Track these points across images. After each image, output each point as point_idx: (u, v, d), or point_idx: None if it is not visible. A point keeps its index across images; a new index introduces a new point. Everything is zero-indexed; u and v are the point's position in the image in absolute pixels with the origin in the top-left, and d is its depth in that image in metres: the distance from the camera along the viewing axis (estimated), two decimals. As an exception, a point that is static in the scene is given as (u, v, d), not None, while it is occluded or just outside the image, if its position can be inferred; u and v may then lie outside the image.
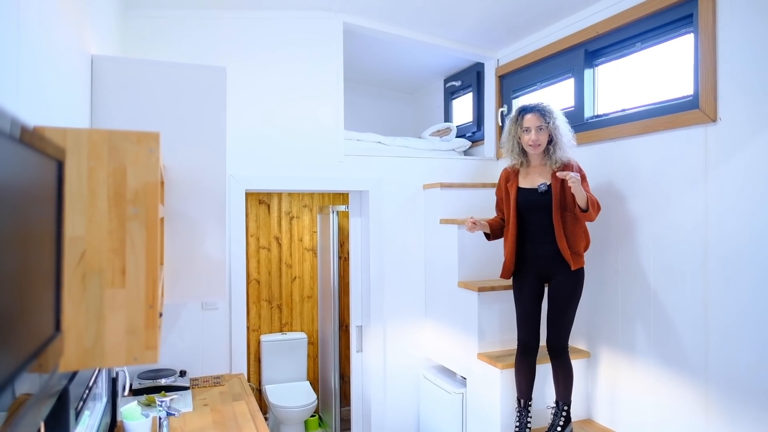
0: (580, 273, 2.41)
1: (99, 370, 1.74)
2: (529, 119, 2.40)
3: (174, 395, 2.25)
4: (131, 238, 0.98)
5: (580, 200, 2.25)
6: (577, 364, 2.71)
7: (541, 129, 2.38)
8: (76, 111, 1.44)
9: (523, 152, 2.47)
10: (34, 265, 0.60)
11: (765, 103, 1.93)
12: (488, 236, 2.60)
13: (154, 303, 1.00)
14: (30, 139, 0.57)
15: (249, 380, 4.46)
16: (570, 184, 2.21)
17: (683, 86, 2.31)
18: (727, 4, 2.06)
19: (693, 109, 2.19)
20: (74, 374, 1.28)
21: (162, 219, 1.74)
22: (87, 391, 1.53)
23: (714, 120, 2.11)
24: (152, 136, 0.99)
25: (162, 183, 1.74)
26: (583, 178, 2.41)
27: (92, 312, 0.96)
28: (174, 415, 2.03)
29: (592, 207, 2.29)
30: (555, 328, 2.43)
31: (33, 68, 1.05)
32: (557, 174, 2.28)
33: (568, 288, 2.40)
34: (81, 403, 1.43)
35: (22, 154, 0.55)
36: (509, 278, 2.54)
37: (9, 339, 0.49)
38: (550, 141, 2.41)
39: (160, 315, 1.51)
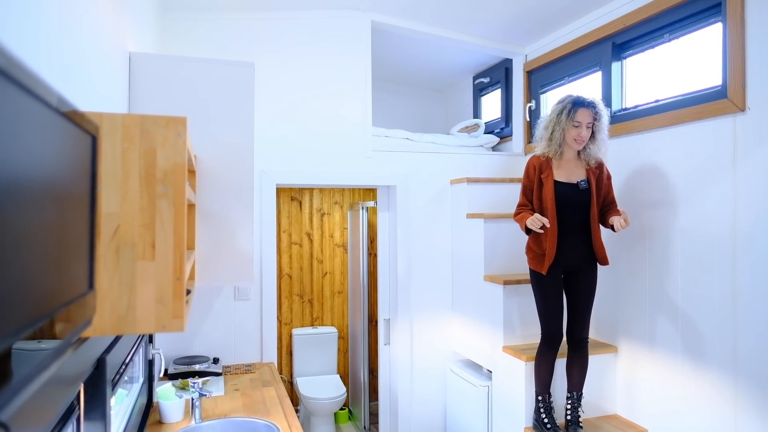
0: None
1: (135, 349, 1.85)
2: (583, 114, 2.35)
3: (207, 379, 2.36)
4: (160, 215, 1.06)
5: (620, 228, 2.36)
6: (603, 359, 2.70)
7: (589, 126, 2.37)
8: (115, 103, 1.55)
9: (561, 145, 2.42)
10: (71, 228, 0.68)
11: (795, 90, 1.90)
12: (529, 230, 2.45)
13: (181, 275, 1.07)
14: (70, 114, 0.65)
15: (281, 373, 4.57)
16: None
17: (711, 77, 2.28)
18: (756, -8, 2.03)
19: (721, 99, 2.16)
20: (111, 346, 1.37)
21: (194, 206, 1.84)
22: (123, 367, 1.63)
23: (742, 109, 2.07)
24: (180, 120, 1.07)
25: (194, 172, 1.84)
26: (610, 182, 2.49)
27: (125, 282, 1.04)
28: (206, 396, 2.13)
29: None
30: (582, 320, 2.45)
31: (77, 65, 1.15)
32: (614, 225, 2.35)
33: (592, 280, 2.45)
34: (117, 376, 1.53)
35: (63, 126, 0.63)
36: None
37: (50, 283, 0.57)
38: (591, 136, 2.41)
39: (189, 292, 1.60)
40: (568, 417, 2.48)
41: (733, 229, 2.11)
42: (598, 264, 2.47)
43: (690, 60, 2.43)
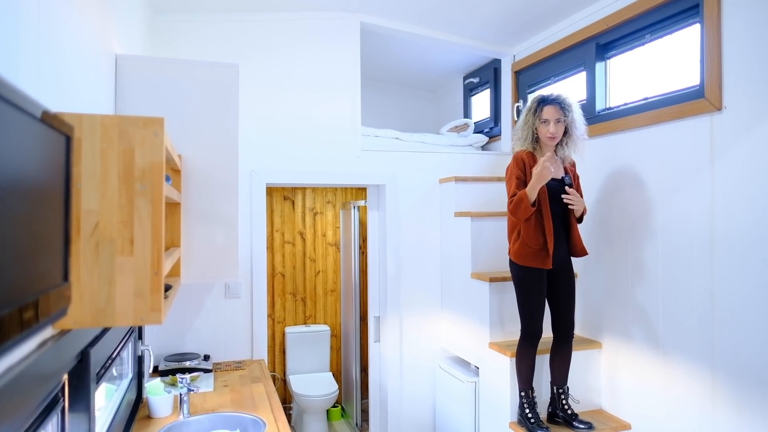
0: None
1: (123, 345, 1.89)
2: (549, 111, 2.40)
3: (196, 375, 2.40)
4: (139, 212, 1.10)
5: (579, 212, 2.46)
6: (587, 355, 2.74)
7: (559, 121, 2.41)
8: (100, 105, 1.59)
9: (536, 141, 2.48)
10: (43, 223, 0.72)
11: (768, 90, 1.94)
12: (534, 204, 2.35)
13: (159, 270, 1.11)
14: (42, 115, 0.69)
15: (274, 370, 4.61)
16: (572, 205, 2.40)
17: (691, 76, 2.33)
18: (732, -7, 2.08)
19: (699, 98, 2.21)
20: (95, 340, 1.41)
21: (179, 205, 1.88)
22: (110, 361, 1.67)
23: (719, 109, 2.12)
24: (157, 120, 1.11)
25: (179, 171, 1.88)
26: (579, 181, 2.56)
27: (104, 277, 1.08)
28: (194, 391, 2.17)
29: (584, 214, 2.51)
30: (570, 314, 2.51)
31: (59, 69, 1.18)
32: (565, 200, 2.40)
33: (573, 274, 2.53)
34: (103, 370, 1.57)
35: (35, 127, 0.67)
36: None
37: (19, 273, 0.61)
38: (565, 133, 2.45)
39: (170, 288, 1.64)
40: (569, 412, 2.53)
41: (710, 226, 2.16)
42: (576, 257, 2.54)
43: (670, 60, 2.47)
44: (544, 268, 2.42)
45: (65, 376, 1.22)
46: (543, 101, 2.43)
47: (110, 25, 1.69)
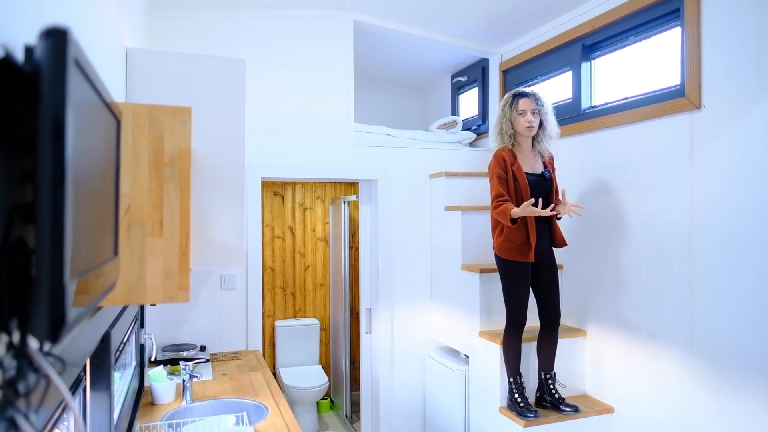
0: None
1: (130, 332, 1.93)
2: (524, 103, 2.55)
3: (197, 363, 2.44)
4: (168, 196, 1.16)
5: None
6: (573, 342, 2.86)
7: (534, 112, 2.55)
8: (115, 97, 1.64)
9: (513, 137, 2.60)
10: (105, 199, 0.78)
11: (744, 89, 2.07)
12: (515, 221, 2.49)
13: (187, 251, 1.18)
14: (109, 103, 0.76)
15: (264, 364, 4.65)
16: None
17: (672, 76, 2.46)
18: (711, -1, 2.21)
19: (679, 97, 2.34)
20: (114, 322, 1.47)
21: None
22: (122, 345, 1.72)
23: (698, 107, 2.25)
24: (185, 110, 1.18)
25: (188, 162, 1.93)
26: (554, 173, 2.68)
27: (136, 257, 1.15)
28: (197, 377, 2.22)
29: None
30: (554, 302, 2.63)
31: (94, 59, 1.24)
32: (569, 209, 2.53)
33: (555, 264, 2.66)
34: (118, 353, 1.63)
35: (105, 113, 0.73)
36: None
37: (97, 242, 0.67)
38: (540, 126, 2.58)
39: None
40: (556, 396, 2.64)
41: (690, 218, 2.29)
42: (557, 248, 2.67)
43: (652, 61, 2.60)
44: (527, 261, 2.53)
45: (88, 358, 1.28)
46: (518, 95, 2.58)
47: (122, 18, 1.74)
